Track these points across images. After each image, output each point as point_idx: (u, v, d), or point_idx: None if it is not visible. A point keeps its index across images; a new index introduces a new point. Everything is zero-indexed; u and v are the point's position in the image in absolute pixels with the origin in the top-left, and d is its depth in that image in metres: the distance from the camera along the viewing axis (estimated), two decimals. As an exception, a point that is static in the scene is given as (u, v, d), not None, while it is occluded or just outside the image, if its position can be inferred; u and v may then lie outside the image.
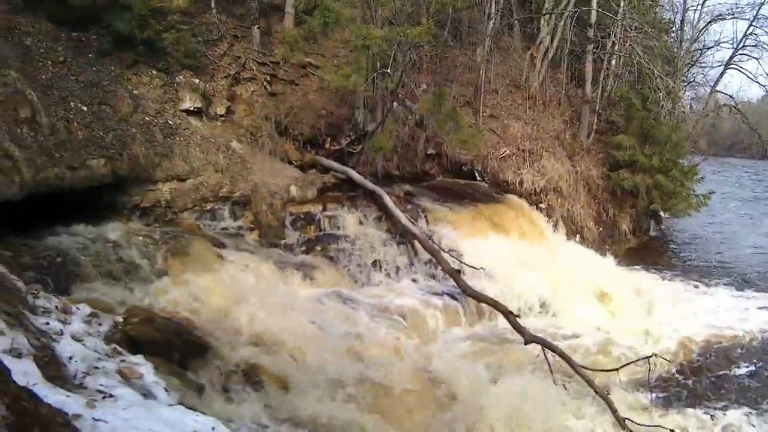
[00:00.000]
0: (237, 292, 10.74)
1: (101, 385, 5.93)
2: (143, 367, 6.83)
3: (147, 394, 6.23)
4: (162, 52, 14.12)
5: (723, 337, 15.02)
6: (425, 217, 16.36)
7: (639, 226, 25.11)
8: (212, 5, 16.39)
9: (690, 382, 12.91)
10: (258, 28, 16.71)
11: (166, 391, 6.57)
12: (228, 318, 9.83)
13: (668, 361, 13.16)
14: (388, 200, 15.38)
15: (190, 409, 6.06)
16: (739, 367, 13.62)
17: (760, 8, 32.34)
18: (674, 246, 26.17)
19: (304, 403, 8.48)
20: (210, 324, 9.32)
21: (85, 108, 11.74)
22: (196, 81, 14.52)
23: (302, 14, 17.58)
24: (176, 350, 8.14)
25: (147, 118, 13.03)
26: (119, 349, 7.22)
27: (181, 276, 10.57)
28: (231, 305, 10.19)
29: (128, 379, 6.43)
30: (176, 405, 6.14)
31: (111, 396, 5.70)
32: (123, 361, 6.87)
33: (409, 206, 16.42)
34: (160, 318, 8.53)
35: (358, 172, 16.39)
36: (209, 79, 15.16)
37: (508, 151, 20.85)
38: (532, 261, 16.96)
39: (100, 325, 7.66)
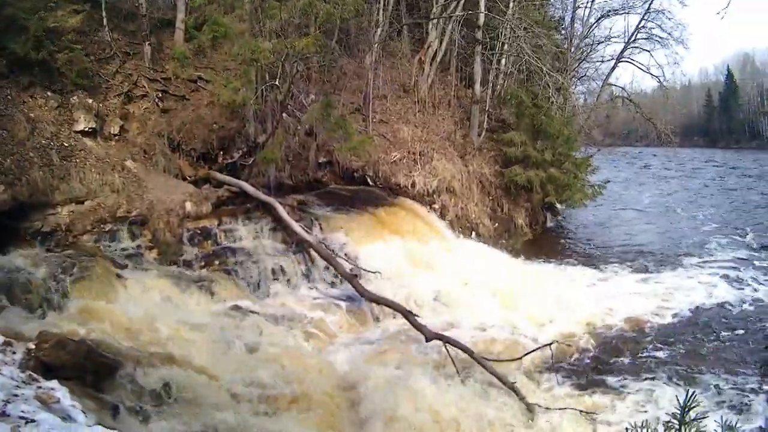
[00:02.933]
0: (140, 311, 11.37)
1: (22, 411, 6.34)
2: (59, 391, 7.26)
3: (66, 418, 6.66)
4: (56, 72, 14.52)
5: (620, 320, 16.12)
6: (319, 224, 17.09)
7: (535, 219, 26.50)
8: (104, 23, 16.56)
9: (592, 364, 13.79)
10: (149, 44, 17.07)
11: (84, 413, 7.04)
12: (134, 338, 10.43)
13: (569, 346, 14.26)
14: (282, 211, 16.03)
15: (109, 428, 6.70)
16: (637, 347, 14.56)
17: (651, 2, 34.06)
18: (571, 236, 27.76)
19: (215, 415, 9.11)
20: (117, 345, 9.81)
21: (-17, 134, 12.17)
22: (90, 101, 14.97)
23: (192, 29, 18.04)
24: (88, 373, 8.65)
25: (43, 141, 13.50)
26: (34, 375, 7.67)
27: (85, 299, 11.17)
28: (136, 325, 10.80)
29: (47, 404, 6.86)
30: (95, 426, 6.72)
31: (33, 421, 6.13)
32: (39, 387, 7.32)
33: (303, 215, 17.10)
34: (70, 342, 8.90)
35: (251, 184, 16.93)
36: (102, 99, 15.56)
37: (398, 155, 21.78)
38: (428, 260, 17.94)
39: (14, 353, 8.18)
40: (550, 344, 13.16)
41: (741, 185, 43.57)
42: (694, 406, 3.22)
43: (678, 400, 3.20)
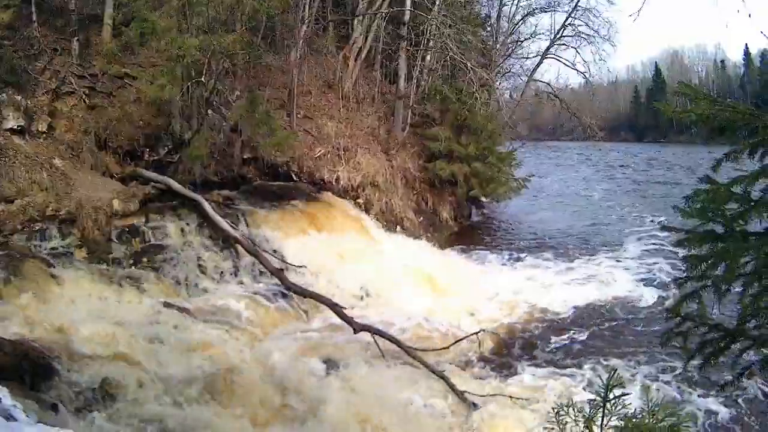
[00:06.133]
0: (73, 310, 11.84)
1: (-37, 412, 6.67)
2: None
3: (8, 417, 6.87)
4: (-14, 70, 14.69)
5: (543, 307, 17.25)
6: (245, 220, 17.64)
7: (460, 212, 27.63)
8: (34, 18, 16.82)
9: (519, 351, 14.67)
10: (77, 40, 17.33)
11: (25, 412, 7.32)
12: (68, 337, 10.79)
13: (496, 334, 15.10)
14: (208, 207, 16.53)
15: (51, 426, 7.04)
16: (561, 333, 15.59)
17: (578, 0, 35.33)
18: (495, 227, 29.12)
19: (152, 409, 9.64)
20: (52, 344, 10.25)
21: None
22: (19, 98, 15.17)
23: (121, 26, 18.30)
24: (26, 373, 9.02)
25: (-26, 140, 13.68)
26: (-26, 375, 7.95)
27: (19, 299, 11.56)
28: (69, 324, 11.14)
29: (-13, 404, 7.19)
30: (37, 424, 7.09)
31: (-24, 421, 6.52)
32: (-21, 387, 7.61)
33: (229, 211, 17.63)
34: (6, 342, 9.34)
35: (178, 181, 17.30)
36: (30, 96, 15.77)
37: (323, 151, 22.48)
38: (354, 254, 18.63)
39: (-48, 353, 8.46)
40: (477, 332, 13.91)
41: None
42: (616, 385, 3.95)
43: (601, 379, 3.90)
